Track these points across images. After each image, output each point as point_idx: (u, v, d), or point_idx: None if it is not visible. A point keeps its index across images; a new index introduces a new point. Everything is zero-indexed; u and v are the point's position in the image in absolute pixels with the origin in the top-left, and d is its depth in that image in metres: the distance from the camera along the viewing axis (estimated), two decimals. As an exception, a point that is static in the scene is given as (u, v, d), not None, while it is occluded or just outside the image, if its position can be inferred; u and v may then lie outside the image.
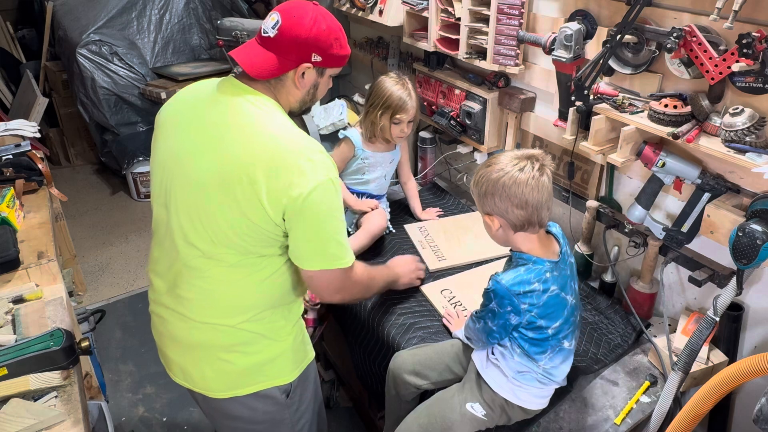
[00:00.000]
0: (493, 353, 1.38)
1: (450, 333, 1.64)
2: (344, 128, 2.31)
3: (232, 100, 1.21)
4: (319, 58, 1.23)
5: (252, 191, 1.14)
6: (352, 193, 2.12)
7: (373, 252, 2.02)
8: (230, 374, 1.31)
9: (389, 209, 2.22)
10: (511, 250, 1.34)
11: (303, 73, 1.24)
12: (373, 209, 2.04)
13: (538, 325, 1.26)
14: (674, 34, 1.35)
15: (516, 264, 1.29)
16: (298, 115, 1.36)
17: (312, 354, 1.46)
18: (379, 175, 2.12)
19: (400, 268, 1.74)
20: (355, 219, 2.11)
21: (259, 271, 1.25)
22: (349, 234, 2.08)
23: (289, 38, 1.19)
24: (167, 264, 1.30)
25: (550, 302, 1.25)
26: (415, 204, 2.24)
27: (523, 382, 1.34)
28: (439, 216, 2.23)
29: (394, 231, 2.15)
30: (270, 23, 1.21)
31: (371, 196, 2.15)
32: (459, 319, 1.66)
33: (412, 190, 2.26)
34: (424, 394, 1.59)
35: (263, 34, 1.21)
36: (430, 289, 1.83)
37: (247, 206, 1.15)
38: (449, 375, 1.53)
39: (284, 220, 1.17)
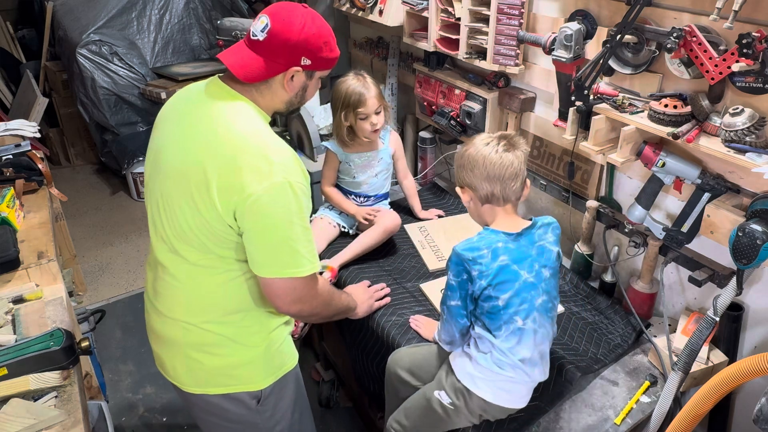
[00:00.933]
0: (468, 345, 1.39)
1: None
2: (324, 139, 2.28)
3: (210, 100, 1.23)
4: (308, 62, 1.22)
5: (205, 186, 1.14)
6: (349, 194, 2.12)
7: (373, 251, 2.01)
8: (199, 372, 1.33)
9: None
10: None
11: (292, 77, 1.23)
12: (367, 220, 2.00)
13: (488, 293, 1.29)
14: (674, 34, 1.35)
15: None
16: (286, 116, 1.36)
17: (293, 362, 1.43)
18: (369, 175, 2.10)
19: (358, 296, 1.68)
20: (356, 223, 2.10)
21: (223, 273, 1.25)
22: (348, 234, 2.08)
23: (279, 42, 1.18)
24: (153, 257, 1.35)
25: (500, 271, 1.28)
26: (414, 202, 2.22)
27: (483, 364, 1.34)
28: (439, 217, 2.23)
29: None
30: (259, 26, 1.20)
31: (368, 197, 2.14)
32: (428, 322, 1.68)
33: (409, 188, 2.23)
34: None
35: (252, 38, 1.20)
36: (429, 288, 1.83)
37: (200, 201, 1.16)
38: None
39: (236, 220, 1.16)
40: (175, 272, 1.27)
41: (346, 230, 2.10)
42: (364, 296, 1.72)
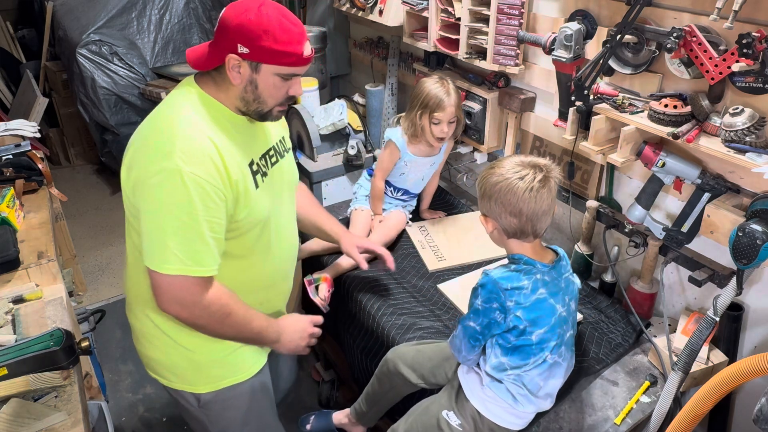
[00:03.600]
0: (478, 365, 1.35)
1: None
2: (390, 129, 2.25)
3: (173, 91, 1.24)
4: (245, 50, 1.12)
5: (124, 163, 1.18)
6: (388, 185, 2.13)
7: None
8: (146, 358, 1.37)
9: (410, 214, 2.21)
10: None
11: (239, 68, 1.15)
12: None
13: (522, 329, 1.23)
14: (674, 34, 1.35)
15: (509, 262, 1.29)
16: (259, 119, 1.26)
17: (243, 376, 1.36)
18: (417, 177, 2.12)
19: (287, 329, 1.40)
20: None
21: None
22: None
23: (220, 26, 1.14)
24: None
25: (538, 305, 1.23)
26: (427, 200, 2.25)
27: (496, 392, 1.30)
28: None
29: (410, 224, 2.17)
30: None
31: (408, 193, 2.16)
32: None
33: (430, 186, 2.23)
34: (408, 398, 1.59)
35: None
36: (448, 288, 1.83)
37: (122, 178, 1.18)
38: (443, 380, 1.50)
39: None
40: (127, 252, 1.30)
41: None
42: (295, 335, 1.41)
